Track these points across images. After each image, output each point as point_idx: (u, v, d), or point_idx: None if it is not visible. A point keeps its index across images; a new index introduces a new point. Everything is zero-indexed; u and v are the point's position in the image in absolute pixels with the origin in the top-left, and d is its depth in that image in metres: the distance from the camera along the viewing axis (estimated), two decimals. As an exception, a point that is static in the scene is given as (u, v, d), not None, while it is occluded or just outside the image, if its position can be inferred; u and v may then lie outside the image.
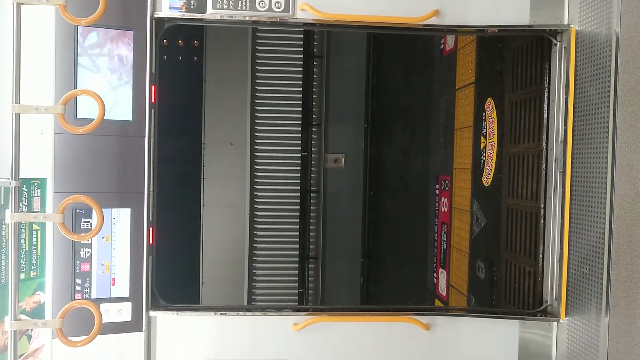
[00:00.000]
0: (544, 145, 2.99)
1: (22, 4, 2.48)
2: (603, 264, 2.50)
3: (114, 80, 2.71)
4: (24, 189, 2.62)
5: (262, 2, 2.79)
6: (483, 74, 3.78)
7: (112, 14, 2.64)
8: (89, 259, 2.71)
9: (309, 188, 5.43)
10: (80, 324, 2.61)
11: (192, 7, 2.76)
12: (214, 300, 5.11)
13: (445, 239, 4.23)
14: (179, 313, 2.83)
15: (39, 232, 2.68)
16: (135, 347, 2.77)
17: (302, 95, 5.22)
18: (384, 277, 5.34)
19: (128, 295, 2.75)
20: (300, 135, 5.24)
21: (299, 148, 5.26)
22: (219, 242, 5.16)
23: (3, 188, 2.54)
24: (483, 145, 3.72)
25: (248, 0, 2.78)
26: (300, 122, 5.24)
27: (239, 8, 2.78)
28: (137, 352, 2.77)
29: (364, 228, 5.53)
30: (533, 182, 3.13)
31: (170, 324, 2.86)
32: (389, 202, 5.33)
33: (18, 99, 2.48)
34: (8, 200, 2.50)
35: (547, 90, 2.99)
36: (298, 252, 5.30)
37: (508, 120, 3.49)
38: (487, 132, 3.68)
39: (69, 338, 2.53)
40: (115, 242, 2.74)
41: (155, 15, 2.74)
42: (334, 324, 2.94)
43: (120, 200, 2.72)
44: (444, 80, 4.33)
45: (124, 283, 2.75)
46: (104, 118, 2.54)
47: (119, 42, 2.70)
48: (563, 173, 2.83)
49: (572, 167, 2.78)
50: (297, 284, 5.32)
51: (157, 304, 2.82)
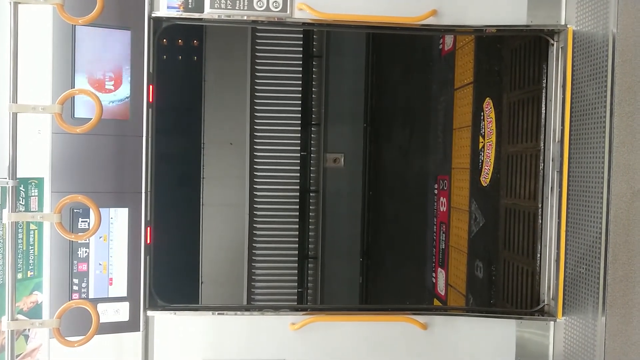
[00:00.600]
0: (542, 145, 2.99)
1: (19, 3, 2.48)
2: (600, 264, 2.50)
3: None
4: (22, 189, 2.62)
5: (260, 1, 2.78)
6: (481, 74, 3.78)
7: (109, 14, 2.64)
8: (87, 259, 2.71)
9: (309, 188, 5.43)
10: (78, 324, 2.61)
11: (189, 6, 2.76)
12: (214, 300, 5.11)
13: (444, 239, 4.23)
14: (177, 313, 2.83)
15: (37, 231, 2.68)
16: (133, 347, 2.77)
17: (301, 95, 5.22)
18: (383, 276, 5.35)
19: (125, 295, 2.75)
20: (300, 135, 5.25)
21: (299, 148, 5.26)
22: (219, 241, 5.17)
23: (0, 188, 2.54)
24: (481, 145, 3.72)
25: (246, 0, 2.78)
26: (300, 121, 5.24)
27: (237, 8, 2.78)
28: (134, 352, 2.77)
29: (363, 228, 5.54)
30: (531, 181, 3.13)
31: (168, 324, 2.85)
32: (388, 201, 5.33)
33: (15, 99, 2.48)
34: (5, 200, 2.50)
35: (544, 90, 2.99)
36: (297, 251, 5.31)
37: (506, 120, 3.49)
38: (485, 131, 3.68)
39: (67, 338, 2.53)
40: (113, 241, 2.74)
41: (153, 15, 2.74)
42: (332, 324, 2.94)
43: (118, 200, 2.72)
44: (443, 80, 4.33)
45: (122, 283, 2.75)
46: (101, 117, 2.54)
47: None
48: (560, 173, 2.83)
49: (569, 166, 2.78)
50: (296, 284, 5.32)
51: (154, 304, 2.82)
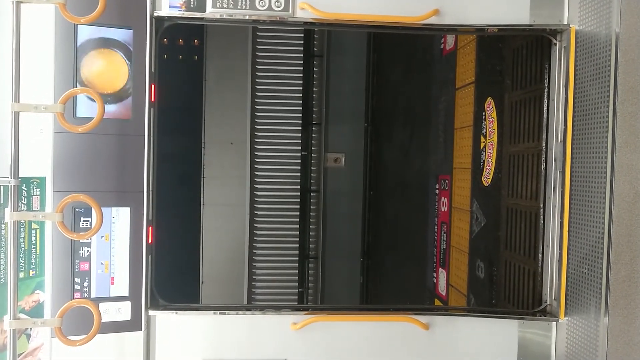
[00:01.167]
0: (544, 145, 2.99)
1: (21, 3, 2.48)
2: (602, 264, 2.50)
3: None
4: (24, 188, 2.62)
5: (262, 1, 2.78)
6: (483, 74, 3.78)
7: (111, 13, 2.64)
8: (88, 258, 2.71)
9: (309, 187, 5.43)
10: (80, 323, 2.60)
11: (192, 5, 2.76)
12: (214, 300, 5.11)
13: (445, 239, 4.23)
14: (178, 312, 2.83)
15: (38, 231, 2.68)
16: (134, 346, 2.77)
17: (302, 95, 5.22)
18: (384, 276, 5.34)
19: (127, 295, 2.75)
20: (300, 135, 5.24)
21: (299, 147, 5.26)
22: (219, 241, 5.16)
23: (2, 187, 2.53)
24: (483, 145, 3.71)
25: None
26: (300, 121, 5.24)
27: (239, 7, 2.78)
28: (136, 351, 2.77)
29: (364, 227, 5.53)
30: (533, 181, 3.12)
31: (169, 324, 2.85)
32: (389, 201, 5.32)
33: (17, 98, 2.48)
34: (7, 199, 2.49)
35: (546, 90, 2.98)
36: (298, 251, 5.30)
37: (508, 120, 3.49)
38: (487, 131, 3.68)
39: (68, 337, 2.53)
40: (115, 241, 2.74)
41: (155, 14, 2.74)
42: (333, 324, 2.94)
43: (120, 199, 2.72)
44: (444, 80, 4.33)
45: (123, 282, 2.75)
46: (103, 117, 2.54)
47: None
48: (562, 173, 2.82)
49: (571, 166, 2.77)
50: (297, 284, 5.32)
51: (156, 303, 2.82)
